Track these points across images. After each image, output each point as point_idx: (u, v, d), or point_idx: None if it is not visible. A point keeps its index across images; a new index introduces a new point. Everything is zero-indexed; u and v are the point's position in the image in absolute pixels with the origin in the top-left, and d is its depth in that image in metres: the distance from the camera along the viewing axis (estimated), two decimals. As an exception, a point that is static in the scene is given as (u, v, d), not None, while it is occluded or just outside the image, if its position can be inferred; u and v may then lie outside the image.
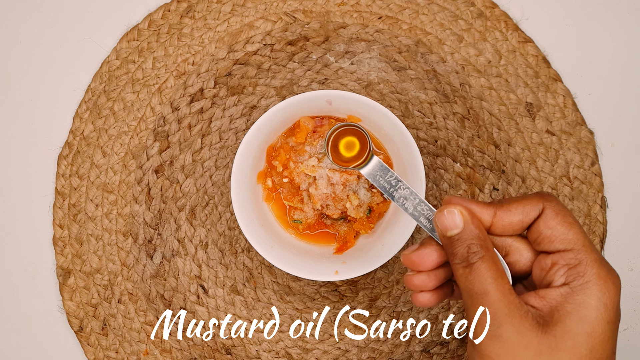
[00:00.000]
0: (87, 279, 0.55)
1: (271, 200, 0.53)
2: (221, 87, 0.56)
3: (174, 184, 0.56)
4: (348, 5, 0.57)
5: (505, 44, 0.57)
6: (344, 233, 0.52)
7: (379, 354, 0.54)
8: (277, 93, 0.56)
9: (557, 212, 0.34)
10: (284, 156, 0.51)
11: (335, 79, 0.56)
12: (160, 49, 0.57)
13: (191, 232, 0.55)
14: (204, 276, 0.55)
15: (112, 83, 0.57)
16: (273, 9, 0.57)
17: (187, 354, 0.54)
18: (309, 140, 0.51)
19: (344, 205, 0.50)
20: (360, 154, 0.45)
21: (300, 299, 0.55)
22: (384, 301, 0.55)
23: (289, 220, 0.52)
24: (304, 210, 0.52)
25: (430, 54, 0.57)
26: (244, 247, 0.56)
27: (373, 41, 0.57)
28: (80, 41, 0.58)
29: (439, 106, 0.56)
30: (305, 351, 0.55)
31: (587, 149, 0.56)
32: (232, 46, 0.57)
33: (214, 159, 0.56)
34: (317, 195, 0.50)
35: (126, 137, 0.56)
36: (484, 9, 0.57)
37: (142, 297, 0.55)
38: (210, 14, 0.57)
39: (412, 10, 0.57)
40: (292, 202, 0.52)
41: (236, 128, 0.56)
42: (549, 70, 0.56)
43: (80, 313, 0.55)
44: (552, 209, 0.35)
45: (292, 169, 0.51)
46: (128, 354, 0.54)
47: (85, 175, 0.56)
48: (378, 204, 0.51)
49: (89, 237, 0.55)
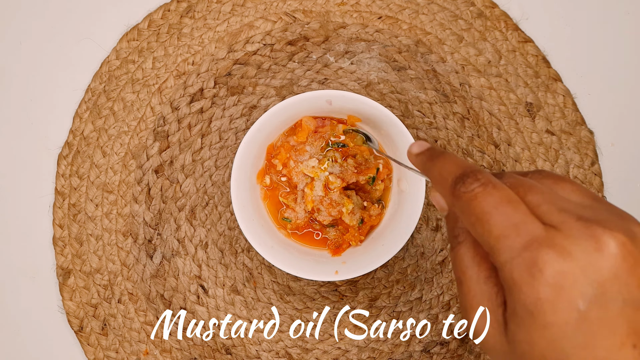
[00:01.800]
0: (87, 279, 0.55)
1: (267, 199, 0.53)
2: (221, 87, 0.56)
3: (174, 184, 0.56)
4: (348, 5, 0.57)
5: (505, 43, 0.57)
6: (334, 238, 0.52)
7: (379, 354, 0.54)
8: (277, 93, 0.56)
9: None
10: (284, 155, 0.51)
11: (335, 79, 0.56)
12: (160, 49, 0.57)
13: (191, 232, 0.55)
14: (204, 276, 0.55)
15: (112, 83, 0.57)
16: (273, 9, 0.57)
17: (187, 354, 0.54)
18: (310, 140, 0.51)
19: (339, 210, 0.50)
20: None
21: (300, 299, 0.55)
22: (384, 301, 0.55)
23: (279, 217, 0.52)
24: (295, 210, 0.52)
25: (430, 54, 0.57)
26: (244, 247, 0.56)
27: (373, 41, 0.57)
28: (80, 41, 0.58)
29: (439, 106, 0.56)
30: (305, 351, 0.55)
31: (587, 149, 0.56)
32: (232, 46, 0.57)
33: (214, 159, 0.56)
34: (311, 197, 0.50)
35: (126, 137, 0.56)
36: (483, 9, 0.57)
37: (142, 297, 0.55)
38: (210, 14, 0.57)
39: (412, 10, 0.57)
40: (287, 200, 0.52)
41: (236, 128, 0.56)
42: (549, 70, 0.56)
43: (80, 313, 0.55)
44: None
45: (292, 168, 0.51)
46: (128, 354, 0.54)
47: (85, 175, 0.56)
48: (371, 216, 0.51)
49: (89, 237, 0.55)
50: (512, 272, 0.26)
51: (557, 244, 0.26)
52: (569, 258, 0.25)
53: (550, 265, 0.25)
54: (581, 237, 0.26)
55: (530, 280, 0.26)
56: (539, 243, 0.26)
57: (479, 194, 0.28)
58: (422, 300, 0.55)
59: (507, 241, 0.26)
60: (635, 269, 0.26)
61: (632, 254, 0.26)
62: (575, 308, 0.25)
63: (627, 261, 0.25)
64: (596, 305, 0.25)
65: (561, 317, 0.26)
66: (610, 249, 0.25)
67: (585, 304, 0.25)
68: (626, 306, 0.26)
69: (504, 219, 0.27)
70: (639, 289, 0.26)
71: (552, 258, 0.25)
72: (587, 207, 0.28)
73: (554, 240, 0.26)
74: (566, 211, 0.27)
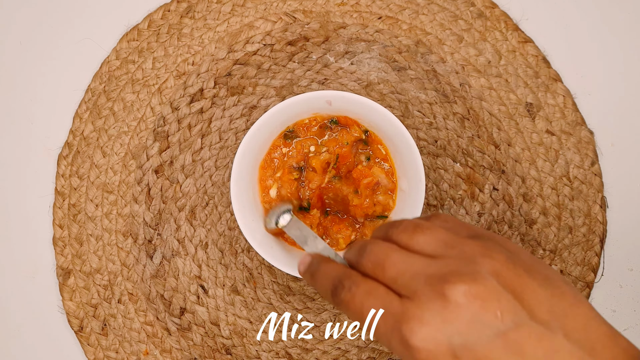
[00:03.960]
0: (87, 279, 0.55)
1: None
2: (221, 87, 0.56)
3: (173, 184, 0.56)
4: (348, 5, 0.57)
5: (505, 44, 0.57)
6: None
7: (379, 354, 0.54)
8: (277, 93, 0.56)
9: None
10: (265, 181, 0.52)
11: (335, 79, 0.56)
12: (160, 49, 0.57)
13: (191, 232, 0.55)
14: (204, 276, 0.55)
15: (112, 83, 0.57)
16: (273, 9, 0.57)
17: (187, 354, 0.54)
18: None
19: (343, 196, 0.51)
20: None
21: (300, 299, 0.55)
22: (383, 301, 0.55)
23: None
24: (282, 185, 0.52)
25: (430, 54, 0.57)
26: (244, 247, 0.56)
27: (373, 41, 0.57)
28: (80, 41, 0.58)
29: (439, 106, 0.56)
30: (305, 351, 0.55)
31: (587, 149, 0.56)
32: (232, 46, 0.57)
33: (213, 159, 0.56)
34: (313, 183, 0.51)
35: (126, 137, 0.56)
36: (484, 9, 0.57)
37: (142, 297, 0.55)
38: (210, 14, 0.57)
39: (412, 10, 0.57)
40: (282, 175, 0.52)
41: (236, 128, 0.56)
42: (549, 70, 0.56)
43: (80, 313, 0.55)
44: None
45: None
46: (128, 354, 0.55)
47: (85, 176, 0.56)
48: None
49: (89, 237, 0.56)
50: (396, 351, 0.30)
51: (411, 316, 0.29)
52: (424, 324, 0.29)
53: (412, 336, 0.29)
54: (429, 300, 0.29)
55: (408, 354, 0.29)
56: (398, 321, 0.30)
57: (349, 301, 0.32)
58: (422, 301, 0.55)
59: (381, 329, 0.31)
60: (485, 305, 0.28)
61: (477, 296, 0.29)
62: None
63: (475, 304, 0.28)
64: (466, 351, 0.28)
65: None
66: (455, 302, 0.28)
67: (457, 353, 0.28)
68: (493, 339, 0.28)
69: (372, 309, 0.31)
70: (497, 319, 0.28)
71: (411, 330, 0.29)
72: (437, 258, 0.31)
73: (409, 313, 0.29)
74: (417, 277, 0.30)
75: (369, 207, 0.51)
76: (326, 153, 0.51)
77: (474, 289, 0.29)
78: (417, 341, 0.29)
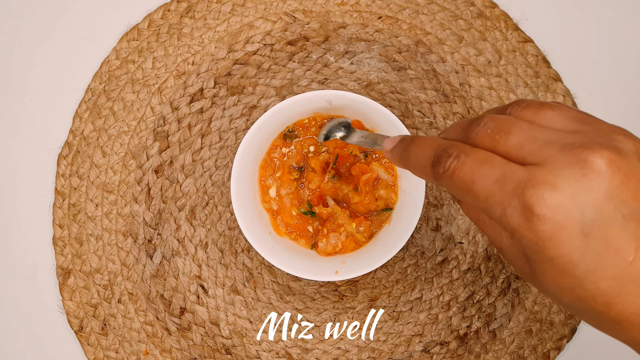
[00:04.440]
0: (87, 279, 0.55)
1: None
2: (221, 87, 0.56)
3: (173, 183, 0.56)
4: (348, 5, 0.57)
5: (505, 43, 0.57)
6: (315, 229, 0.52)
7: (378, 354, 0.54)
8: (277, 93, 0.56)
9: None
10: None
11: (335, 79, 0.56)
12: (160, 49, 0.57)
13: (191, 232, 0.55)
14: (204, 276, 0.55)
15: (112, 83, 0.57)
16: (273, 9, 0.57)
17: (187, 354, 0.54)
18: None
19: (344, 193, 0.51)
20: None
21: (300, 299, 0.55)
22: (384, 301, 0.55)
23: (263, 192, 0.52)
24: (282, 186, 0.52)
25: (430, 54, 0.57)
26: (244, 247, 0.56)
27: (373, 41, 0.57)
28: (80, 41, 0.58)
29: (439, 106, 0.56)
30: (305, 351, 0.55)
31: (587, 149, 0.56)
32: (232, 46, 0.57)
33: (213, 159, 0.56)
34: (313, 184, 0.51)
35: (126, 137, 0.56)
36: (483, 9, 0.57)
37: (142, 297, 0.55)
38: (210, 14, 0.57)
39: (412, 10, 0.57)
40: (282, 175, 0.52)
41: (236, 128, 0.56)
42: (549, 70, 0.56)
43: (80, 313, 0.55)
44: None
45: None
46: (128, 354, 0.55)
47: (85, 175, 0.56)
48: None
49: (89, 237, 0.55)
50: (509, 222, 0.27)
51: (541, 181, 0.26)
52: (556, 191, 0.25)
53: (539, 203, 0.25)
54: (565, 167, 0.26)
55: (526, 224, 0.26)
56: (522, 187, 0.26)
57: (456, 169, 0.28)
58: (422, 300, 0.55)
59: (495, 197, 0.27)
60: (628, 182, 0.26)
61: (621, 169, 0.26)
62: (576, 236, 0.26)
63: (617, 177, 0.25)
64: (596, 228, 0.25)
65: (565, 249, 0.26)
66: (598, 170, 0.25)
67: (585, 229, 0.25)
68: (627, 221, 0.26)
69: (484, 180, 0.27)
70: (636, 201, 0.26)
71: (539, 196, 0.26)
72: (571, 132, 0.28)
73: (537, 179, 0.26)
74: (549, 144, 0.27)
75: (370, 202, 0.51)
76: (325, 153, 0.51)
77: (618, 161, 0.25)
78: (544, 209, 0.25)
